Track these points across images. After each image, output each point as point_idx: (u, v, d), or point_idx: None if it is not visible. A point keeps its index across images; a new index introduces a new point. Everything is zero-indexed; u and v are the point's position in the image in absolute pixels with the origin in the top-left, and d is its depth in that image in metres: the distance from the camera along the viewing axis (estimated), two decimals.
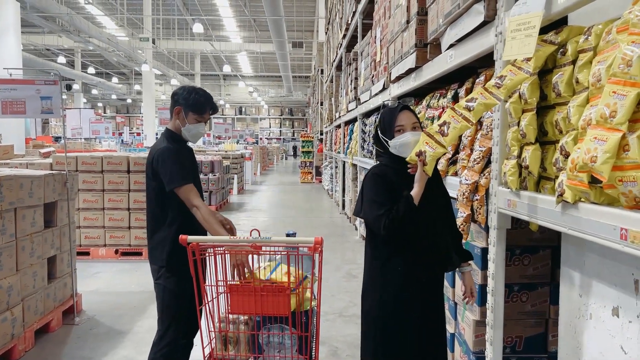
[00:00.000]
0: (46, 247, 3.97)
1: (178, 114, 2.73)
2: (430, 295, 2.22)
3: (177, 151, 2.68)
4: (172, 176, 2.60)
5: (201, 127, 2.78)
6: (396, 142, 2.15)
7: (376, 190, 2.15)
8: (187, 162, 2.75)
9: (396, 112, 2.19)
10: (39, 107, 4.10)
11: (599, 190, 1.56)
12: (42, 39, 25.08)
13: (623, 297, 1.67)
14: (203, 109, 2.74)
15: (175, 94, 2.76)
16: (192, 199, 2.61)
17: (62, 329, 4.13)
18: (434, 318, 2.26)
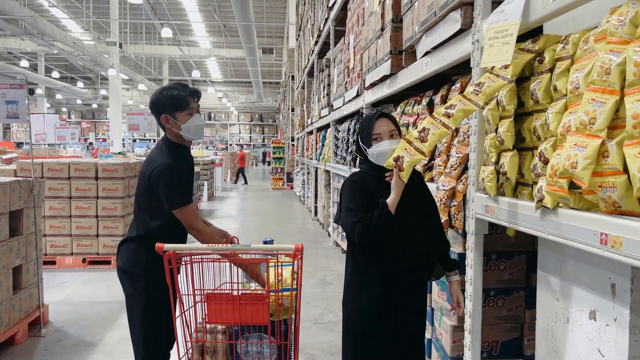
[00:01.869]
0: (11, 257, 3.82)
1: (167, 121, 2.54)
2: (411, 302, 2.21)
3: (177, 169, 2.50)
4: (172, 197, 2.46)
5: (198, 119, 2.57)
6: (374, 151, 2.14)
7: (352, 198, 2.15)
8: (187, 178, 2.59)
9: (373, 120, 2.18)
10: (4, 111, 3.96)
11: (578, 195, 1.59)
12: (4, 42, 24.36)
13: (600, 300, 1.70)
14: (185, 101, 2.54)
15: (153, 105, 2.57)
16: (194, 222, 2.51)
17: (28, 341, 3.98)
18: (414, 324, 2.24)
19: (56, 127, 12.22)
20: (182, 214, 2.48)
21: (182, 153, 2.61)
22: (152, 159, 2.56)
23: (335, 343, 4.00)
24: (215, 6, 23.56)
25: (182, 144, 2.61)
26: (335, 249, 7.69)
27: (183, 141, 2.60)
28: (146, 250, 2.47)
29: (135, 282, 2.54)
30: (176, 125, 2.53)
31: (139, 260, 2.52)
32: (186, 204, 2.49)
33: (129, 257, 2.56)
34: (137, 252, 2.54)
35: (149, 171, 2.51)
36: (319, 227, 9.87)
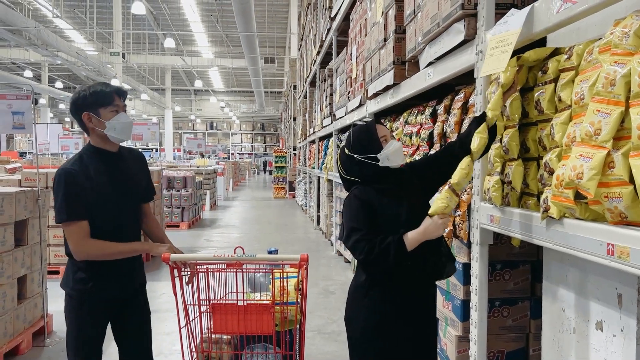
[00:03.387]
0: (16, 267, 3.83)
1: (90, 120, 2.28)
2: (421, 314, 2.14)
3: (71, 176, 2.21)
4: (56, 208, 2.21)
5: (123, 117, 2.31)
6: (387, 151, 2.05)
7: (356, 215, 2.04)
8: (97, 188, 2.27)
9: (374, 125, 2.14)
10: (10, 122, 3.99)
11: (584, 206, 1.59)
12: (8, 52, 24.52)
13: (607, 311, 1.70)
14: (109, 97, 2.29)
15: (74, 103, 2.31)
16: (76, 243, 2.20)
17: (32, 351, 3.97)
18: (424, 337, 2.17)
19: (60, 137, 12.27)
20: (65, 232, 2.23)
21: (101, 159, 2.34)
22: None
23: (339, 353, 3.99)
24: (217, 17, 23.73)
25: (105, 149, 2.35)
26: (338, 259, 7.68)
27: (108, 145, 2.34)
28: (78, 269, 2.30)
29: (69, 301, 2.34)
30: (100, 123, 2.28)
31: (70, 279, 2.32)
32: (68, 220, 2.19)
33: (65, 273, 2.37)
34: (70, 268, 2.34)
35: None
36: (322, 236, 9.86)
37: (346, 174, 2.17)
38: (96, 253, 2.23)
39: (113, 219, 2.33)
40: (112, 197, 2.32)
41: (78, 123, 2.32)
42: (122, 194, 2.37)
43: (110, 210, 2.32)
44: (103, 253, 2.24)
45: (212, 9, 23.34)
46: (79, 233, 2.19)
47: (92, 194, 2.24)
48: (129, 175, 2.44)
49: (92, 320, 2.34)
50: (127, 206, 2.42)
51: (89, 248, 2.21)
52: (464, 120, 2.92)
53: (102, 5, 21.81)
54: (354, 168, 2.12)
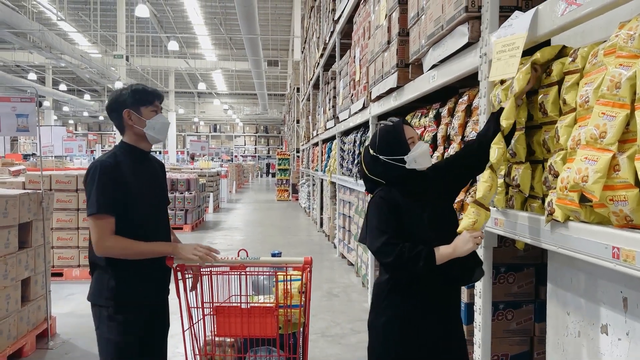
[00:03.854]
0: (20, 269, 3.84)
1: (130, 117, 2.28)
2: (446, 320, 2.05)
3: (108, 168, 2.18)
4: (88, 200, 2.15)
5: (162, 118, 2.34)
6: (415, 154, 2.00)
7: (381, 217, 1.98)
8: (132, 185, 2.24)
9: (401, 126, 2.07)
10: (14, 124, 4.00)
11: (589, 209, 1.59)
12: (12, 55, 24.62)
13: (612, 315, 1.69)
14: (150, 96, 2.32)
15: (115, 101, 2.30)
16: (99, 238, 2.13)
17: (35, 353, 3.98)
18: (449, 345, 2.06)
19: (64, 139, 12.30)
20: (91, 224, 2.15)
21: (136, 158, 2.33)
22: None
23: (343, 356, 3.99)
24: (221, 19, 23.79)
25: (139, 147, 2.35)
26: (341, 261, 7.67)
27: (143, 144, 2.34)
28: (111, 277, 2.20)
29: (100, 314, 2.23)
30: (140, 121, 2.28)
31: (102, 289, 2.21)
32: (98, 212, 2.12)
33: (91, 286, 2.27)
34: (100, 279, 2.23)
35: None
36: (325, 238, 9.86)
37: (369, 173, 2.11)
38: (117, 251, 2.16)
39: (149, 218, 2.31)
40: (147, 197, 2.32)
41: (114, 120, 2.32)
42: (155, 195, 2.39)
43: (145, 209, 2.30)
44: (124, 251, 2.17)
45: (216, 11, 23.40)
46: (105, 228, 2.14)
47: (127, 191, 2.21)
48: (158, 177, 2.46)
49: (132, 329, 2.24)
50: (160, 207, 2.45)
51: (111, 243, 2.14)
52: (467, 122, 2.91)
53: (106, 8, 21.90)
54: (378, 169, 2.07)
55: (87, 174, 2.19)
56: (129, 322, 2.23)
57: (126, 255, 2.18)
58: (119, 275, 2.21)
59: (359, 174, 2.29)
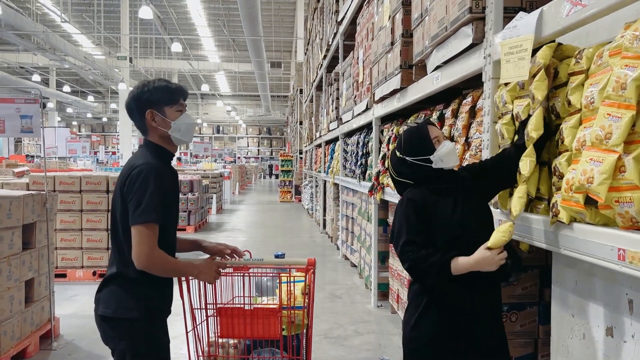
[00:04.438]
0: (24, 270, 3.84)
1: (154, 118, 2.08)
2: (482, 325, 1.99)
3: (161, 171, 2.03)
4: (142, 206, 1.93)
5: (188, 118, 2.16)
6: (440, 153, 1.99)
7: (405, 219, 1.98)
8: (171, 191, 2.10)
9: (425, 127, 2.07)
10: (18, 126, 4.01)
11: (594, 210, 1.58)
12: (17, 56, 24.73)
13: (617, 317, 1.68)
14: (175, 95, 2.13)
15: (136, 100, 2.10)
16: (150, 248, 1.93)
17: (39, 354, 3.98)
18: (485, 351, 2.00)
19: (67, 141, 12.34)
20: (139, 233, 1.92)
21: (166, 158, 2.17)
22: (130, 162, 2.09)
23: (346, 358, 3.98)
24: (224, 21, 23.83)
25: (167, 149, 2.16)
26: (344, 263, 7.66)
27: (169, 145, 2.15)
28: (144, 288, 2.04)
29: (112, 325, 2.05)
30: (165, 123, 2.08)
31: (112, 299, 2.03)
32: (153, 221, 1.93)
33: (104, 298, 2.06)
34: (112, 290, 2.05)
35: (125, 178, 2.01)
36: (328, 240, 9.85)
37: (398, 176, 2.12)
38: (159, 266, 1.98)
39: (175, 226, 2.20)
40: (177, 202, 2.21)
41: (135, 121, 2.13)
42: (177, 207, 2.24)
43: (175, 217, 2.19)
44: (165, 267, 2.01)
45: (219, 13, 23.44)
46: (154, 238, 1.94)
47: (171, 198, 2.09)
48: (177, 181, 2.27)
49: (165, 339, 2.14)
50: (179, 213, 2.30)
51: (157, 257, 1.95)
52: (471, 124, 2.91)
53: (110, 9, 21.96)
54: (406, 170, 2.07)
55: (138, 177, 1.96)
56: (164, 332, 2.13)
57: (165, 271, 2.03)
58: (153, 285, 2.05)
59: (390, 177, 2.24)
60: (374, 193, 4.91)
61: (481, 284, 1.93)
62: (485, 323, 1.99)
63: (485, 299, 1.98)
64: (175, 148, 2.18)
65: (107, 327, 2.04)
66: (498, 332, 2.05)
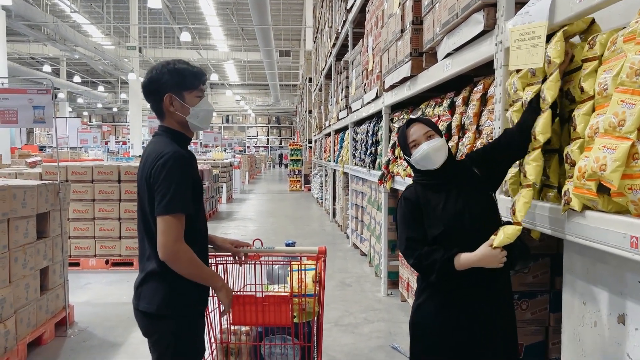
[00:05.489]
0: (39, 259, 3.90)
1: (172, 103, 1.98)
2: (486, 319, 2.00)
3: (188, 160, 1.95)
4: (171, 196, 1.85)
5: (207, 104, 2.07)
6: (415, 157, 2.05)
7: (402, 219, 2.07)
8: (197, 179, 2.02)
9: (404, 129, 2.12)
10: (31, 116, 4.05)
11: (607, 198, 1.57)
12: (27, 47, 24.85)
13: (630, 304, 1.68)
14: (196, 80, 2.02)
15: (154, 82, 1.99)
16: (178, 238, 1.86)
17: (54, 341, 4.05)
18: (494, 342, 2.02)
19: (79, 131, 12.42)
20: (165, 223, 1.85)
21: (185, 145, 2.08)
22: (155, 151, 1.96)
23: (357, 345, 4.01)
24: (233, 10, 23.77)
25: (186, 135, 2.08)
26: (354, 251, 7.69)
27: (186, 131, 2.07)
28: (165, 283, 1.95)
29: (154, 322, 1.99)
30: (183, 108, 2.00)
31: (156, 296, 1.96)
32: (181, 212, 1.87)
33: (147, 294, 1.99)
34: (155, 286, 1.98)
35: (151, 168, 1.92)
36: (337, 229, 9.87)
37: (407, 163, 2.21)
38: (183, 261, 1.89)
39: (204, 218, 2.13)
40: (202, 193, 2.10)
41: (152, 104, 2.03)
42: (202, 188, 2.14)
43: (203, 208, 2.11)
44: (188, 264, 1.90)
45: (228, 2, 23.38)
46: (180, 229, 1.87)
47: (198, 187, 2.01)
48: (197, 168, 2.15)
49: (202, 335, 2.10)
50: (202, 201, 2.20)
51: (181, 250, 1.87)
52: (482, 111, 2.89)
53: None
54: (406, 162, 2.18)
55: (164, 166, 1.87)
56: (202, 328, 2.11)
57: (187, 268, 1.91)
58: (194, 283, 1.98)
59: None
60: (384, 182, 4.90)
61: (485, 273, 1.95)
62: (490, 310, 2.01)
63: (490, 286, 2.00)
64: (192, 134, 2.10)
65: (149, 323, 1.99)
66: (504, 319, 2.07)
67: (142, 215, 1.99)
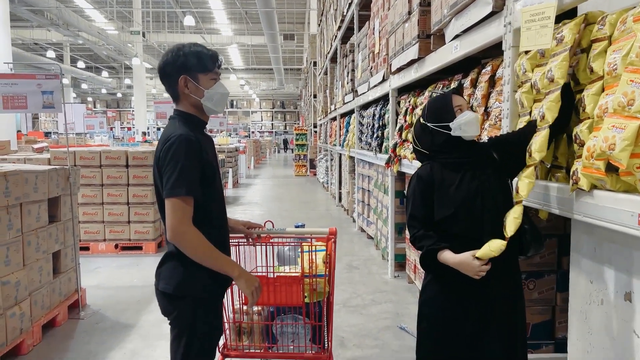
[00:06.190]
0: (51, 242, 3.96)
1: (187, 85, 2.01)
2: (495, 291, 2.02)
3: (194, 143, 1.94)
4: (175, 179, 1.87)
5: (222, 87, 2.07)
6: (460, 121, 2.01)
7: (413, 195, 2.10)
8: (212, 161, 2.05)
9: (449, 95, 2.10)
10: (40, 101, 4.08)
11: (615, 177, 1.59)
12: (31, 33, 24.79)
13: (637, 282, 1.71)
14: (210, 62, 2.03)
15: (169, 65, 2.01)
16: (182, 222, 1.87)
17: (67, 323, 4.13)
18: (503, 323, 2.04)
19: (85, 117, 12.45)
20: (172, 206, 1.87)
21: (200, 128, 2.09)
22: (165, 134, 2.00)
23: (365, 326, 4.06)
24: None
25: (201, 118, 2.09)
26: (361, 235, 7.73)
27: (201, 114, 2.08)
28: (182, 264, 1.97)
29: (172, 301, 2.02)
30: (198, 90, 2.01)
31: (174, 276, 1.99)
32: (186, 194, 1.88)
33: (165, 275, 2.02)
34: (173, 267, 2.01)
35: (160, 151, 1.96)
36: (344, 213, 9.91)
37: (417, 145, 2.18)
38: (190, 243, 1.89)
39: (220, 200, 2.12)
40: (218, 175, 2.10)
41: (167, 86, 2.05)
42: (219, 174, 2.14)
43: (218, 190, 2.10)
44: (196, 246, 1.90)
45: None
46: (189, 211, 1.89)
47: (209, 170, 2.01)
48: (215, 152, 2.19)
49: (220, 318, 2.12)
50: (222, 186, 2.20)
51: (188, 232, 1.88)
52: (491, 93, 2.90)
53: None
54: (426, 138, 2.12)
55: (170, 149, 1.90)
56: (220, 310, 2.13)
57: (195, 251, 1.91)
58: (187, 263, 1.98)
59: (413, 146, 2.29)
60: (391, 165, 4.92)
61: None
62: (495, 293, 2.02)
63: (497, 268, 1.99)
64: (207, 117, 2.11)
65: (167, 303, 2.02)
66: (510, 301, 2.08)
67: (158, 198, 2.02)
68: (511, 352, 2.05)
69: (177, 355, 1.99)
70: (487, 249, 1.88)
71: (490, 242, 1.89)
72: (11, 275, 3.36)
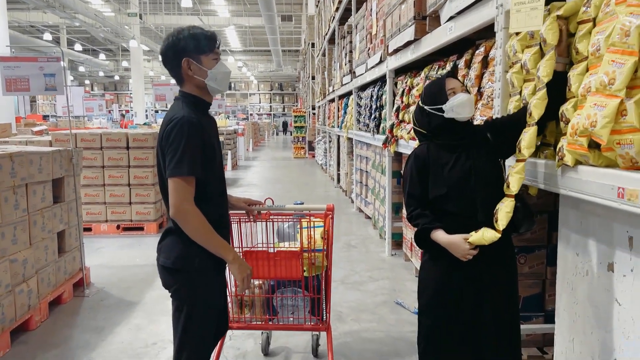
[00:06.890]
0: (55, 222, 4.06)
1: (190, 67, 2.05)
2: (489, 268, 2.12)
3: (196, 125, 1.99)
4: (177, 159, 1.94)
5: (224, 67, 2.12)
6: (452, 103, 2.09)
7: (410, 173, 2.19)
8: (214, 142, 2.12)
9: (443, 79, 2.19)
10: (42, 84, 4.14)
11: (597, 153, 1.68)
12: (27, 15, 24.60)
13: (618, 253, 1.80)
14: (211, 43, 2.09)
15: (171, 48, 2.05)
16: (184, 200, 1.94)
17: (73, 300, 4.25)
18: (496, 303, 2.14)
19: (84, 99, 12.46)
20: (175, 186, 1.94)
21: (203, 109, 2.15)
22: (168, 116, 2.07)
23: (362, 301, 4.18)
24: None
25: (204, 100, 2.15)
26: (359, 215, 7.84)
27: (205, 95, 2.14)
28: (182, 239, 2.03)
29: (172, 275, 2.09)
30: (201, 71, 2.06)
31: (173, 250, 2.07)
32: (188, 174, 1.95)
33: (165, 249, 2.11)
34: (173, 241, 2.08)
35: (162, 132, 2.03)
36: (342, 194, 10.02)
37: (416, 125, 2.29)
38: (190, 222, 1.97)
39: (220, 181, 2.18)
40: (219, 156, 2.16)
41: (170, 70, 2.10)
42: (221, 153, 2.20)
43: (220, 169, 2.18)
44: (195, 226, 1.97)
45: None
46: (190, 191, 1.96)
47: (210, 151, 2.06)
48: (217, 133, 2.25)
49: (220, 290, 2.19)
50: (222, 166, 2.25)
51: (189, 211, 1.95)
52: (484, 74, 2.97)
53: None
54: (424, 120, 2.22)
55: (172, 129, 1.96)
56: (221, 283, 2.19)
57: (195, 230, 1.98)
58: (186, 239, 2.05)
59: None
60: (388, 145, 5.00)
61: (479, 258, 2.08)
62: (487, 269, 2.12)
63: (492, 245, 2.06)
64: (211, 98, 2.17)
65: (167, 276, 2.10)
66: (505, 273, 2.19)
67: (160, 177, 2.10)
68: (505, 323, 2.16)
69: (179, 326, 2.08)
70: (479, 237, 1.99)
71: (484, 231, 2.00)
72: (18, 253, 3.46)
